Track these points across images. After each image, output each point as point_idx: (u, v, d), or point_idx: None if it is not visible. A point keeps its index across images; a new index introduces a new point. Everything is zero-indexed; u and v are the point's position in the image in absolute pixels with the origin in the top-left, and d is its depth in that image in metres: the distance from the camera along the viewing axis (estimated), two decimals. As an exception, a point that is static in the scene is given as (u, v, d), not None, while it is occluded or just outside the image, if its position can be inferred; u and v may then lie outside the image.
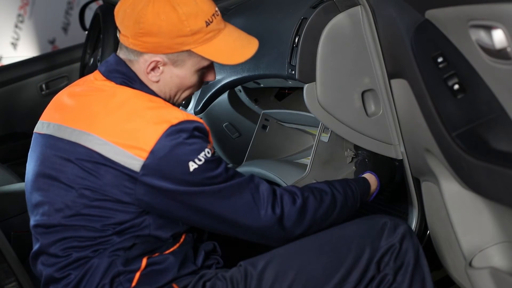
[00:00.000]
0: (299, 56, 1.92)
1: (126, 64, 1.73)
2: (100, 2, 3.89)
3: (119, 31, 1.74)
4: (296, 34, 1.94)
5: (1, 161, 3.31)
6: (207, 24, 1.69)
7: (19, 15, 5.49)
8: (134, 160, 1.59)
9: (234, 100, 2.58)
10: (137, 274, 1.65)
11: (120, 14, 1.71)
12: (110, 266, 1.64)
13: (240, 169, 2.31)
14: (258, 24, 2.26)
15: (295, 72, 1.93)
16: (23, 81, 3.95)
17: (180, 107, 2.75)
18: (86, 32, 3.82)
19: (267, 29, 2.16)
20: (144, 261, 1.66)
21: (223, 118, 2.63)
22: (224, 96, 2.56)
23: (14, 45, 5.51)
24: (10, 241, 1.97)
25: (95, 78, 1.77)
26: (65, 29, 5.57)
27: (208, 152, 1.62)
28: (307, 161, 2.14)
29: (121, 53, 1.75)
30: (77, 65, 3.93)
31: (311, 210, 1.72)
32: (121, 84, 1.72)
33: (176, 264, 1.69)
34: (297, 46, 1.93)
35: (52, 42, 5.57)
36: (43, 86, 3.97)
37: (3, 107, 3.90)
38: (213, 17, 1.70)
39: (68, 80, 3.96)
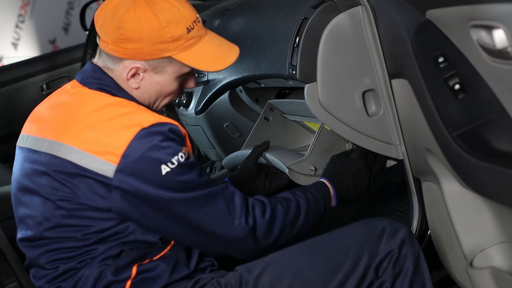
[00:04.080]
0: (300, 56, 1.92)
1: (103, 71, 1.72)
2: (101, 2, 3.89)
3: (99, 37, 1.72)
4: (297, 34, 1.94)
5: (2, 161, 3.30)
6: (188, 30, 1.68)
7: (20, 15, 5.49)
8: (107, 166, 1.58)
9: (234, 100, 2.58)
10: (128, 283, 1.65)
11: (100, 20, 1.70)
12: (100, 277, 1.64)
13: (239, 153, 2.31)
14: (259, 24, 2.26)
15: (296, 72, 1.93)
16: (24, 81, 3.95)
17: (181, 107, 2.76)
18: (87, 32, 3.82)
19: (267, 29, 2.16)
20: (135, 269, 1.66)
21: (223, 118, 2.63)
22: (225, 96, 2.56)
23: (14, 45, 5.51)
24: (11, 241, 1.97)
25: (72, 87, 1.76)
26: (65, 29, 5.58)
27: (182, 156, 1.61)
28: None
29: (100, 60, 1.74)
30: (78, 65, 3.94)
31: (280, 219, 1.71)
32: (96, 89, 1.70)
33: (168, 270, 1.68)
34: (298, 46, 1.93)
35: (52, 42, 5.57)
36: (44, 86, 3.97)
37: (3, 107, 3.90)
38: (194, 24, 1.69)
39: (69, 80, 3.94)
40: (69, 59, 4.05)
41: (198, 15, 1.72)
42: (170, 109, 3.02)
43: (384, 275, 1.70)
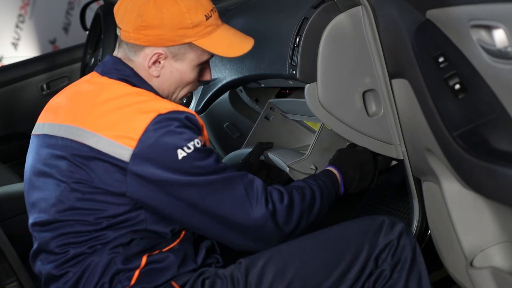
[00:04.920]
0: (300, 56, 1.92)
1: (124, 62, 1.76)
2: (101, 2, 3.89)
3: (119, 28, 1.76)
4: (297, 34, 1.94)
5: (2, 161, 3.31)
6: (207, 18, 1.73)
7: (20, 15, 5.49)
8: (123, 150, 1.60)
9: (235, 100, 2.58)
10: (137, 272, 1.65)
11: (120, 12, 1.75)
12: (110, 264, 1.65)
13: (239, 152, 2.32)
14: (259, 24, 2.26)
15: (296, 72, 1.94)
16: (24, 81, 3.95)
17: (181, 107, 2.76)
18: (87, 32, 3.82)
19: (268, 29, 2.16)
20: (144, 259, 1.66)
21: (224, 118, 2.63)
22: (225, 96, 2.57)
23: (15, 45, 5.51)
24: (11, 241, 1.97)
25: (92, 77, 1.80)
26: (66, 29, 5.57)
27: (198, 143, 1.63)
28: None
29: (120, 51, 1.78)
30: (78, 65, 3.94)
31: (298, 204, 1.72)
32: (117, 79, 1.73)
33: (176, 262, 1.68)
34: (298, 46, 1.93)
35: (53, 42, 5.57)
36: (44, 86, 3.97)
37: (4, 107, 3.90)
38: (211, 12, 1.75)
39: (69, 80, 3.96)
40: (69, 59, 4.06)
41: (214, 6, 1.78)
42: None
43: (384, 265, 1.73)
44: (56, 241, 1.69)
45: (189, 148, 1.61)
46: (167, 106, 1.64)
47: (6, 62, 5.35)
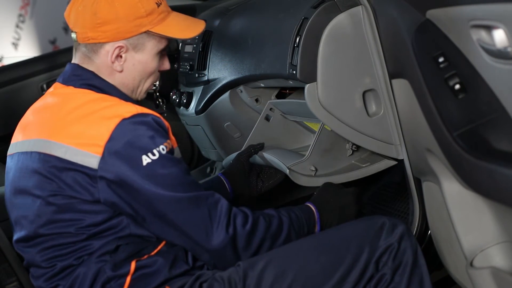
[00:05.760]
0: (300, 56, 1.92)
1: (82, 67, 1.77)
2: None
3: (74, 32, 1.78)
4: (297, 34, 1.94)
5: (2, 161, 3.30)
6: (158, 5, 1.78)
7: (20, 15, 5.49)
8: (91, 158, 1.62)
9: (235, 100, 2.57)
10: (128, 279, 1.66)
11: (72, 16, 1.78)
12: (99, 273, 1.65)
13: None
14: (259, 24, 2.26)
15: (296, 72, 1.94)
16: (24, 81, 3.94)
17: (181, 107, 2.76)
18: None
19: (268, 29, 2.16)
20: (133, 265, 1.66)
21: (224, 118, 2.63)
22: (225, 96, 2.56)
23: (15, 45, 5.51)
24: (11, 241, 1.97)
25: (54, 88, 1.81)
26: (66, 29, 5.57)
27: (163, 149, 1.64)
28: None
29: (78, 56, 1.80)
30: (78, 65, 3.93)
31: (261, 231, 1.72)
32: (80, 86, 1.75)
33: (167, 265, 1.68)
34: (298, 46, 1.93)
35: (53, 42, 5.57)
36: (44, 86, 3.96)
37: (4, 107, 3.89)
38: (161, 0, 1.80)
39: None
40: (69, 59, 4.02)
41: None
42: (170, 109, 3.01)
43: (384, 268, 1.72)
44: (41, 255, 1.70)
45: (154, 154, 1.62)
46: (130, 110, 1.65)
47: (6, 62, 5.34)
